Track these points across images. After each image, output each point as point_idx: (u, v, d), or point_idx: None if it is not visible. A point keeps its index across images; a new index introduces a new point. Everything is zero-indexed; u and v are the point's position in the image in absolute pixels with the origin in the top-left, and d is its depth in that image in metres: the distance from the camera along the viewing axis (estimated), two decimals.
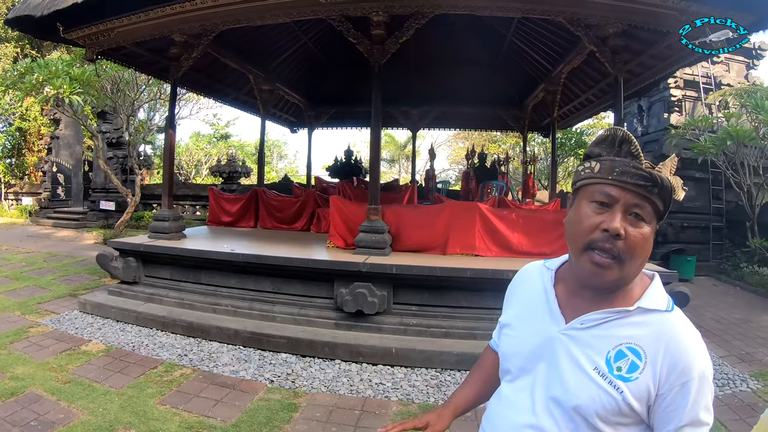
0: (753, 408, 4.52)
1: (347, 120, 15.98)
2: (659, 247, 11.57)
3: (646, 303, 1.14)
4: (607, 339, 1.14)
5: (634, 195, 1.11)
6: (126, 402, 4.14)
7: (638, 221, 1.11)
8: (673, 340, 1.09)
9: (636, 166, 1.11)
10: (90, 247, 12.22)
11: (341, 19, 6.36)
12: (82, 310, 6.73)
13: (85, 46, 7.30)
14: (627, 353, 1.11)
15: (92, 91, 11.64)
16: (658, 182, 1.10)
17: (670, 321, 1.12)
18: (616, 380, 1.09)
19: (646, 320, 1.13)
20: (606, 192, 1.13)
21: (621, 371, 1.10)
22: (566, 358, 1.16)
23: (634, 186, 1.10)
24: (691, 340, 1.10)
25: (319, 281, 6.04)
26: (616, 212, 1.11)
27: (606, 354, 1.12)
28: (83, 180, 20.13)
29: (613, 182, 1.12)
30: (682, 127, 12.29)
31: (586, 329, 1.16)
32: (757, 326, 7.30)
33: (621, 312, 1.14)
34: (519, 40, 10.35)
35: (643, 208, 1.11)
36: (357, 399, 4.44)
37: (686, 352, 1.08)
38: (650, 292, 1.17)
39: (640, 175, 1.10)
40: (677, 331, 1.11)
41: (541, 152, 23.57)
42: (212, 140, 36.70)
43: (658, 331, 1.11)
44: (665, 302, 1.15)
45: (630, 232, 1.10)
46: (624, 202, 1.11)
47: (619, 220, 1.10)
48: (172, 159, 7.98)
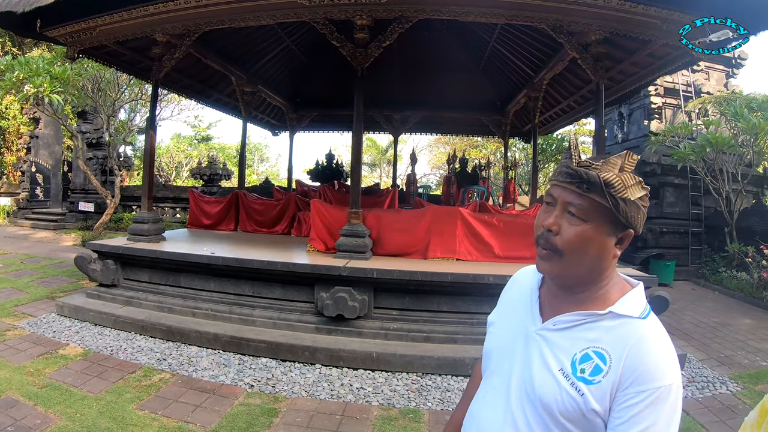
0: (733, 410, 4.60)
1: (329, 123, 15.96)
2: (639, 252, 11.73)
3: (619, 308, 1.14)
4: (575, 341, 1.15)
5: (569, 193, 1.15)
6: (104, 407, 4.08)
7: (575, 218, 1.14)
8: (638, 345, 1.08)
9: (567, 165, 1.17)
10: (68, 249, 12.05)
11: (325, 22, 6.34)
12: (60, 313, 6.63)
13: (66, 44, 7.22)
14: (592, 356, 1.11)
15: (73, 90, 11.53)
16: (584, 178, 1.12)
17: (640, 327, 1.12)
18: (578, 382, 1.10)
19: (616, 325, 1.13)
20: (550, 192, 1.21)
21: (584, 374, 1.10)
22: (537, 357, 1.18)
23: (565, 183, 1.16)
24: (657, 348, 1.08)
25: (299, 285, 6.02)
26: (555, 210, 1.18)
27: (572, 356, 1.13)
28: (62, 181, 19.83)
29: (554, 182, 1.21)
30: (662, 133, 12.46)
31: (558, 330, 1.18)
32: (735, 329, 7.42)
33: (592, 315, 1.15)
34: (502, 46, 10.41)
35: (580, 207, 1.13)
36: (338, 404, 4.42)
37: (648, 359, 1.06)
38: (626, 299, 1.17)
39: (568, 173, 1.15)
40: (644, 337, 1.09)
41: (522, 158, 23.78)
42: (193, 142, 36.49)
43: (626, 336, 1.10)
44: (640, 309, 1.15)
45: (564, 228, 1.15)
46: (561, 200, 1.17)
47: (554, 216, 1.17)
48: (152, 160, 7.89)
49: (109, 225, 14.18)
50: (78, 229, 15.64)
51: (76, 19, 6.80)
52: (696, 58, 6.39)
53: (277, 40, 10.42)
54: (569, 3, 5.88)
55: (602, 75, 6.75)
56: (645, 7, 5.80)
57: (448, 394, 4.70)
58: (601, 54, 6.62)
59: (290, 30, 10.11)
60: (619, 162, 1.14)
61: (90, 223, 15.67)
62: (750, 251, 10.15)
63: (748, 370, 5.74)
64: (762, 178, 13.48)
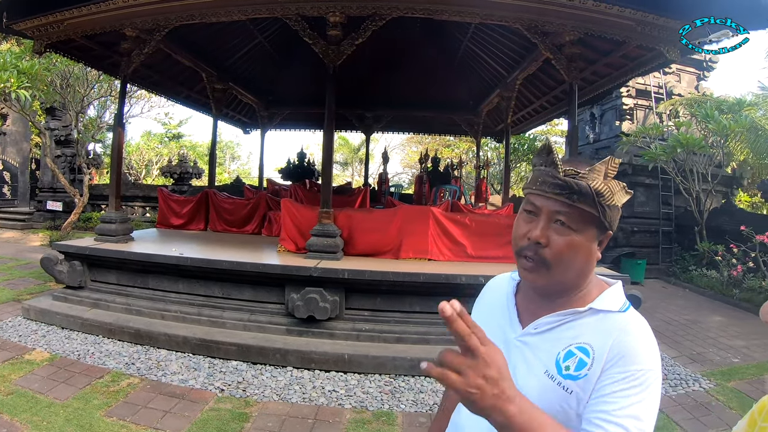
0: (707, 407, 4.66)
1: (301, 122, 15.92)
2: (610, 251, 11.87)
3: (599, 304, 1.15)
4: (558, 341, 1.14)
5: (555, 203, 1.12)
6: (71, 414, 3.96)
7: (564, 228, 1.12)
8: (621, 334, 1.08)
9: (553, 175, 1.13)
10: (36, 250, 11.75)
11: (297, 18, 6.28)
12: (26, 317, 6.45)
13: (33, 37, 7.06)
14: (576, 352, 1.11)
15: (41, 85, 11.27)
16: (575, 189, 1.09)
17: (622, 319, 1.12)
18: (564, 381, 1.09)
19: (597, 320, 1.13)
20: (531, 201, 1.17)
21: (569, 370, 1.09)
22: (522, 364, 1.17)
23: (553, 194, 1.12)
24: (639, 335, 1.08)
25: (269, 286, 5.93)
26: (540, 220, 1.14)
27: (556, 356, 1.13)
28: (30, 179, 19.46)
29: (536, 191, 1.16)
30: (634, 134, 12.66)
31: (539, 334, 1.18)
32: (707, 327, 7.56)
33: (573, 313, 1.15)
34: (476, 46, 10.43)
35: (568, 215, 1.11)
36: (310, 407, 4.36)
37: (631, 345, 1.06)
38: (605, 295, 1.18)
39: (556, 184, 1.12)
40: (627, 326, 1.10)
41: (494, 157, 24.03)
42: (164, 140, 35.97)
43: (609, 328, 1.10)
44: (619, 304, 1.15)
45: (553, 239, 1.12)
46: (546, 210, 1.13)
47: (541, 228, 1.13)
48: (120, 158, 7.70)
49: (77, 225, 13.89)
50: (46, 229, 15.28)
51: (44, 12, 6.64)
52: (669, 60, 6.46)
53: (249, 37, 10.30)
54: (544, 3, 5.92)
55: (576, 76, 6.79)
56: (620, 9, 5.85)
57: (422, 396, 4.67)
58: (575, 55, 6.65)
59: (263, 26, 9.99)
60: (603, 168, 1.13)
61: (58, 222, 15.31)
62: (720, 250, 10.34)
63: (720, 367, 5.83)
64: (731, 178, 13.77)
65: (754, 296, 8.99)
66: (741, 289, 9.44)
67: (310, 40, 6.45)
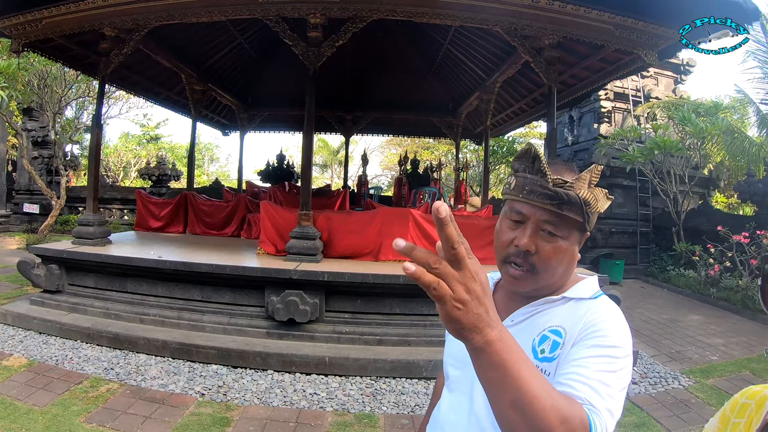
0: (686, 404, 4.74)
1: (280, 124, 15.87)
2: (589, 251, 12.00)
3: (571, 293, 1.18)
4: (532, 329, 1.17)
5: (544, 212, 1.12)
6: (50, 421, 3.91)
7: (551, 236, 1.13)
8: (591, 313, 1.10)
9: (543, 185, 1.12)
10: (12, 253, 11.55)
11: (278, 19, 6.28)
12: (3, 321, 6.33)
13: (11, 36, 6.99)
14: (549, 335, 1.13)
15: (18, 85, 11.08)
16: (565, 199, 1.10)
17: (593, 303, 1.15)
18: (541, 364, 1.10)
19: (570, 306, 1.16)
20: (518, 210, 1.16)
21: (545, 353, 1.11)
22: None
23: (541, 204, 1.12)
24: (611, 316, 1.10)
25: (249, 289, 5.91)
26: (527, 229, 1.14)
27: (532, 341, 1.15)
28: (6, 181, 19.03)
29: (523, 200, 1.15)
30: (612, 137, 12.82)
31: (516, 325, 1.20)
32: (685, 325, 7.68)
33: (546, 302, 1.19)
34: (455, 49, 10.50)
35: (556, 224, 1.12)
36: (291, 411, 4.35)
37: (603, 322, 1.07)
38: (578, 285, 1.21)
39: (546, 194, 1.11)
40: (598, 308, 1.12)
41: (473, 159, 24.14)
42: (142, 141, 35.46)
43: (580, 311, 1.13)
44: (592, 292, 1.19)
45: (542, 247, 1.13)
46: (534, 219, 1.13)
47: (529, 236, 1.13)
48: (98, 160, 7.61)
49: (54, 227, 13.68)
50: (23, 232, 15.03)
51: (22, 11, 6.57)
52: (647, 63, 6.55)
53: (230, 38, 10.26)
54: (524, 6, 5.97)
55: (555, 79, 6.86)
56: (599, 13, 5.94)
57: (403, 398, 4.68)
58: (554, 58, 6.73)
59: (243, 27, 9.97)
60: (588, 176, 1.14)
61: (35, 225, 15.06)
62: (697, 250, 10.51)
63: (698, 364, 5.94)
64: (708, 180, 14.01)
65: (731, 295, 9.17)
66: (718, 288, 9.61)
67: (290, 42, 6.45)
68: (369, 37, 7.83)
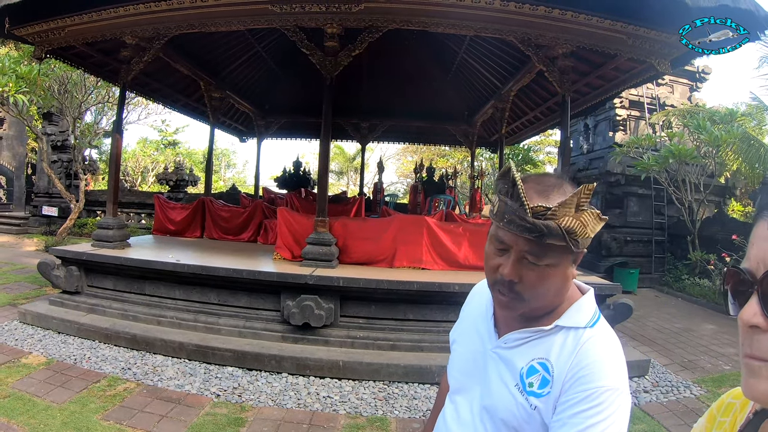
0: (697, 413, 4.68)
1: (297, 131, 15.97)
2: (603, 260, 11.94)
3: (564, 321, 1.14)
4: (522, 356, 1.16)
5: (525, 242, 1.07)
6: (68, 418, 3.98)
7: (535, 266, 1.08)
8: (581, 350, 1.08)
9: (521, 216, 1.05)
10: (31, 254, 11.76)
11: (295, 29, 6.36)
12: (23, 321, 6.45)
13: (34, 43, 7.14)
14: (538, 368, 1.12)
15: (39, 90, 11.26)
16: (545, 231, 1.03)
17: (585, 334, 1.11)
18: (530, 397, 1.10)
19: (560, 336, 1.13)
20: (500, 237, 1.12)
21: (533, 387, 1.11)
22: (495, 375, 1.19)
23: (521, 235, 1.06)
24: (600, 351, 1.07)
25: (265, 293, 5.98)
26: (511, 257, 1.10)
27: (520, 371, 1.14)
28: (26, 183, 19.41)
29: (504, 228, 1.10)
30: (627, 145, 12.73)
31: (509, 348, 1.19)
32: (698, 335, 7.61)
33: (538, 332, 1.15)
34: (470, 58, 10.53)
35: (537, 254, 1.07)
36: (305, 413, 4.40)
37: (590, 361, 1.05)
38: (572, 310, 1.16)
39: (524, 226, 1.05)
40: (588, 342, 1.09)
41: (488, 167, 24.09)
42: (160, 147, 35.80)
43: (570, 345, 1.10)
44: (587, 319, 1.14)
45: (526, 276, 1.09)
46: (517, 249, 1.09)
47: (512, 265, 1.09)
48: (118, 165, 7.76)
49: (72, 230, 13.86)
50: (41, 234, 15.28)
51: (46, 19, 6.73)
52: (660, 72, 6.56)
53: (247, 46, 10.38)
54: (538, 17, 6.01)
55: (568, 88, 6.88)
56: (611, 23, 5.97)
57: (415, 402, 4.72)
58: (567, 67, 6.75)
59: (260, 36, 10.07)
60: (575, 200, 1.03)
61: (53, 227, 15.28)
62: (712, 259, 10.42)
63: (711, 374, 5.90)
64: (724, 188, 13.86)
65: None
66: None
67: (307, 51, 6.53)
68: (385, 46, 7.89)
